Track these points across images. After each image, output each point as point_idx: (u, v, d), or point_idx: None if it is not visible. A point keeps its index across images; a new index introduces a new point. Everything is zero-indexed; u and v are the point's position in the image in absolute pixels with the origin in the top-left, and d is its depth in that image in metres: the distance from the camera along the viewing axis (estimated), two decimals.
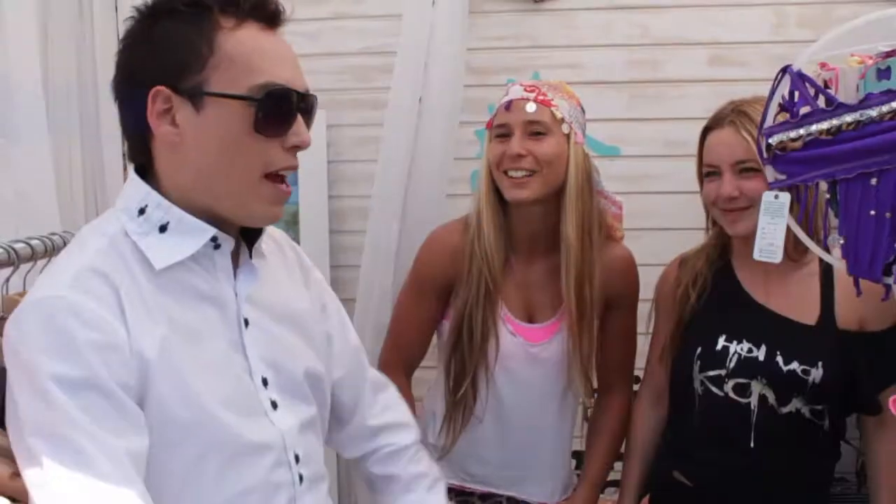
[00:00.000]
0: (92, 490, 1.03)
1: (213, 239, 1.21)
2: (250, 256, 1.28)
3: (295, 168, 1.21)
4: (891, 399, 1.63)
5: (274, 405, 1.26)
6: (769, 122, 2.18)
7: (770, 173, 2.04)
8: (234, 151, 1.16)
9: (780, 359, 1.80)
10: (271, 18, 1.19)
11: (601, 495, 2.22)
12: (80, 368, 1.05)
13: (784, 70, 1.95)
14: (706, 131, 1.91)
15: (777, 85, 2.06)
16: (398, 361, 2.09)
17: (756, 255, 1.74)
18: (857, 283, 1.70)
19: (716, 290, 1.93)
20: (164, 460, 1.12)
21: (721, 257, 1.97)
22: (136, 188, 1.20)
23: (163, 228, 1.18)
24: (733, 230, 1.87)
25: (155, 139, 1.18)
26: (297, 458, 1.28)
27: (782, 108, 1.93)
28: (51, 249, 1.53)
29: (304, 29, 2.68)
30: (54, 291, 1.08)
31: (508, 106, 1.91)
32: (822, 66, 2.31)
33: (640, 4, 2.75)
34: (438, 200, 2.64)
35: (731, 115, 1.86)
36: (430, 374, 2.21)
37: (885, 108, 1.71)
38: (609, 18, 2.76)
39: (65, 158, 2.51)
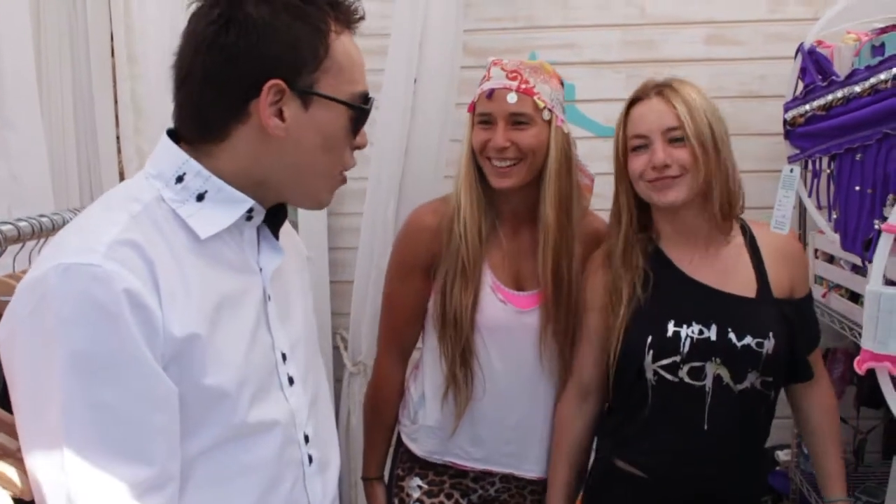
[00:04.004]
0: (110, 469, 1.02)
1: (248, 211, 1.22)
2: (273, 234, 1.29)
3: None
4: (856, 360, 1.64)
5: (290, 381, 1.27)
6: (787, 97, 2.19)
7: (788, 148, 2.04)
8: (332, 151, 1.23)
9: (732, 335, 1.78)
10: (356, 26, 1.24)
11: None
12: (116, 342, 1.03)
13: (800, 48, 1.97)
14: (630, 105, 1.88)
15: (795, 62, 2.07)
16: (393, 348, 2.12)
17: (772, 227, 1.76)
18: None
19: (655, 278, 1.87)
20: (184, 430, 1.12)
21: (649, 245, 1.92)
22: (172, 155, 1.19)
23: (200, 197, 1.18)
24: (664, 198, 1.81)
25: (246, 126, 1.17)
26: (306, 439, 1.29)
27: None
28: (38, 231, 1.52)
29: None
30: (87, 259, 1.03)
31: (490, 95, 1.92)
32: (819, 43, 2.32)
33: None
34: (435, 182, 2.64)
35: (656, 88, 1.84)
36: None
37: (867, 84, 1.71)
38: None
39: (59, 142, 2.50)
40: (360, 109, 1.22)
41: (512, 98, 1.89)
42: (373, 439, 2.15)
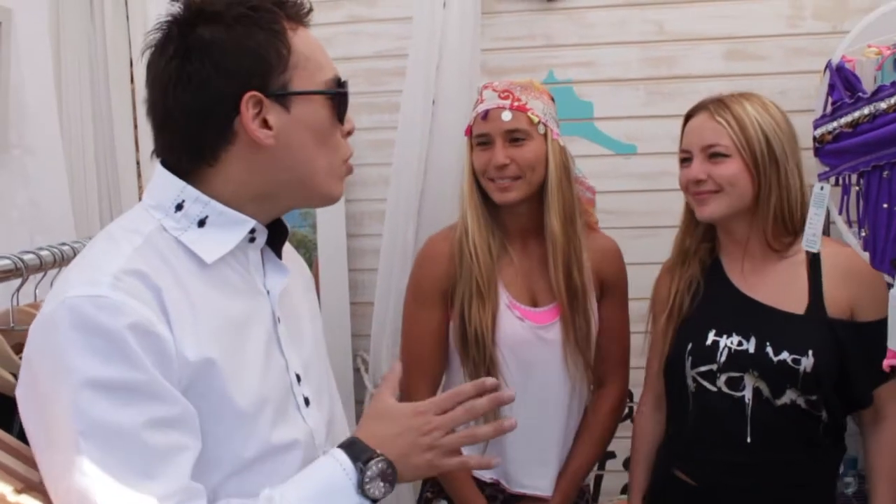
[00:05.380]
0: (133, 488, 1.02)
1: (251, 232, 1.21)
2: (276, 254, 1.29)
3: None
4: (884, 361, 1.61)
5: (307, 401, 1.27)
6: (817, 114, 2.18)
7: (818, 165, 2.04)
8: (326, 144, 1.22)
9: (769, 349, 1.78)
10: (308, 19, 1.24)
11: (620, 496, 2.19)
12: (129, 370, 1.03)
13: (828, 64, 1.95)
14: (687, 118, 1.92)
15: (823, 78, 2.06)
16: (421, 382, 2.06)
17: (804, 245, 1.75)
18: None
19: (707, 288, 1.92)
20: (207, 455, 1.12)
21: (710, 254, 1.96)
22: (170, 184, 1.19)
23: (201, 223, 1.18)
24: (700, 214, 1.87)
25: (235, 145, 1.17)
26: None
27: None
28: (60, 260, 1.52)
29: (318, 33, 2.64)
30: (94, 291, 1.04)
31: (485, 116, 1.98)
32: (842, 58, 2.30)
33: (654, 0, 2.72)
34: (454, 203, 2.60)
35: (709, 103, 1.86)
36: None
37: (892, 101, 1.69)
38: (623, 15, 2.74)
39: (79, 167, 2.52)
40: (338, 94, 1.23)
41: (507, 116, 1.94)
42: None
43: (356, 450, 1.17)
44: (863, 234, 1.85)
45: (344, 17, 2.80)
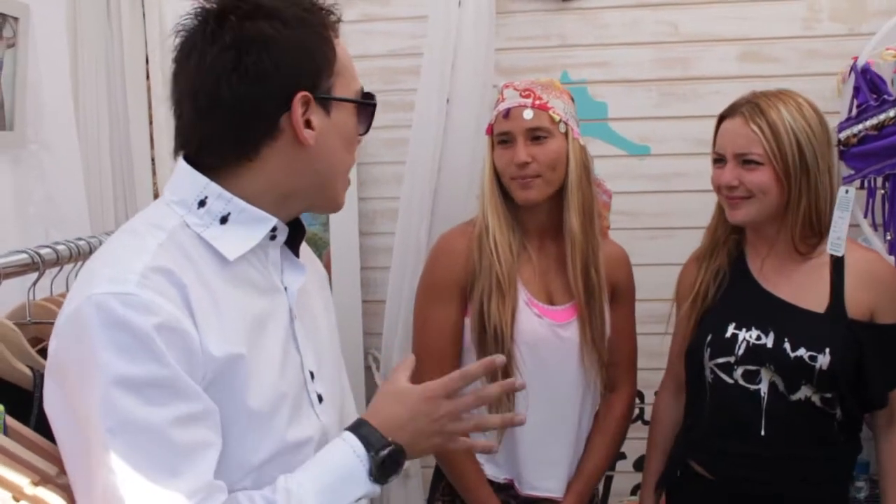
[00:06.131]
0: (158, 484, 1.03)
1: (272, 229, 1.22)
2: (294, 252, 1.30)
3: None
4: None
5: (320, 398, 1.28)
6: (843, 116, 2.18)
7: (842, 168, 2.04)
8: (349, 150, 1.27)
9: (787, 345, 1.80)
10: (338, 30, 1.26)
11: (630, 497, 2.19)
12: (155, 366, 1.04)
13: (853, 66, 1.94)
14: (721, 118, 1.92)
15: (847, 81, 2.05)
16: (432, 374, 2.02)
17: (828, 248, 1.76)
18: None
19: (730, 280, 1.95)
20: (223, 456, 1.12)
21: (737, 248, 1.99)
22: (192, 180, 1.20)
23: (224, 220, 1.19)
24: (731, 217, 1.89)
25: (278, 141, 1.18)
26: None
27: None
28: (76, 254, 1.53)
29: None
30: (122, 288, 1.05)
31: (507, 114, 1.98)
32: (854, 60, 2.29)
33: (669, 1, 2.71)
34: (467, 201, 2.63)
35: (744, 107, 1.86)
36: None
37: None
38: (637, 16, 2.73)
39: (95, 164, 2.53)
40: (369, 105, 1.27)
41: (528, 114, 1.95)
42: (466, 473, 2.06)
43: (368, 435, 1.20)
44: (888, 237, 1.85)
45: (358, 16, 2.80)
